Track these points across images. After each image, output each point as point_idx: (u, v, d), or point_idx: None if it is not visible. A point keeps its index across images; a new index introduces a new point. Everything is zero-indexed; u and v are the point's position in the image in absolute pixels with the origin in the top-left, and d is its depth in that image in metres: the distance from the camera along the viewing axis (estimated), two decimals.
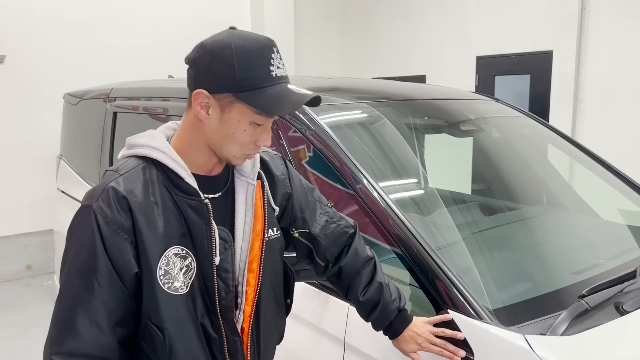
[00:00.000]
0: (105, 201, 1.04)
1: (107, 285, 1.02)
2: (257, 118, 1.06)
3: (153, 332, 1.07)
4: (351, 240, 1.39)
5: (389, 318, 1.34)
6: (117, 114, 3.09)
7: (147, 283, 1.05)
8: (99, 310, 1.02)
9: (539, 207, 2.46)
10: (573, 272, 1.71)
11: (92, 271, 1.02)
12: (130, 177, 1.07)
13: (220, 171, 1.17)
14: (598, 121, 4.96)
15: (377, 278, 1.37)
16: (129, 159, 1.12)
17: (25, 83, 4.96)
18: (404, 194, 1.93)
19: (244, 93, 1.03)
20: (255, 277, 1.18)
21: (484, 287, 1.51)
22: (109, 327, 1.03)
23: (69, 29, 5.13)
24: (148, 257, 1.04)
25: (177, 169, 1.09)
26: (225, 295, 1.12)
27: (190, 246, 1.09)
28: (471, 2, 5.74)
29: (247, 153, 1.12)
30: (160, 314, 1.06)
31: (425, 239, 1.47)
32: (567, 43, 4.99)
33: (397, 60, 6.64)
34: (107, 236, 1.02)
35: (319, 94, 1.09)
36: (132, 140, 1.15)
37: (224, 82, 1.04)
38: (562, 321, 1.35)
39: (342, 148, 1.74)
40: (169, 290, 1.07)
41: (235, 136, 1.08)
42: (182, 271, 1.08)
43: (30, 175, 5.06)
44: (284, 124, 1.89)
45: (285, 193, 1.31)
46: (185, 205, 1.08)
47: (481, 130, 2.36)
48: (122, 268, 1.03)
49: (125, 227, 1.03)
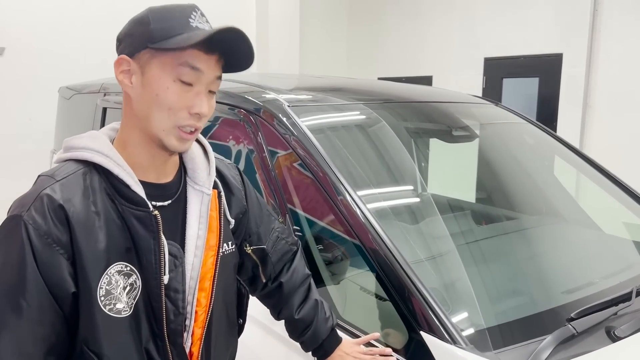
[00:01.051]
0: (38, 211, 0.89)
1: (38, 307, 0.89)
2: (181, 72, 0.93)
3: (89, 358, 0.94)
4: (293, 257, 1.33)
5: (321, 337, 1.27)
6: (107, 109, 3.02)
7: (85, 304, 0.92)
8: (27, 336, 0.88)
9: (537, 217, 2.34)
10: (564, 292, 1.60)
11: (20, 291, 0.88)
12: (67, 184, 0.93)
13: (171, 179, 1.05)
14: (608, 127, 4.81)
15: (313, 295, 1.31)
16: (66, 162, 0.99)
17: (25, 76, 4.93)
18: (390, 202, 1.83)
19: (159, 42, 0.92)
20: (207, 296, 1.06)
21: (464, 306, 1.41)
22: (38, 356, 0.90)
23: (70, 22, 5.10)
24: (87, 275, 0.91)
25: (122, 175, 0.96)
26: (174, 318, 1.00)
27: (135, 262, 0.96)
28: (480, 3, 5.61)
29: (180, 124, 0.95)
30: (99, 340, 0.93)
31: (400, 252, 1.37)
32: (577, 46, 4.85)
33: (404, 61, 6.54)
34: (40, 251, 0.88)
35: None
36: (70, 142, 1.01)
37: (140, 38, 0.95)
38: (545, 347, 1.25)
39: (321, 153, 1.64)
40: (110, 313, 0.93)
41: (159, 98, 0.94)
42: (125, 290, 0.95)
43: (28, 168, 5.01)
44: (264, 125, 1.80)
45: (241, 206, 1.21)
46: (131, 217, 0.96)
47: (475, 136, 2.25)
48: (56, 287, 0.90)
49: (62, 241, 0.90)
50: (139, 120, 0.98)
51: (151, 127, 0.96)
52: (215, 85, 0.99)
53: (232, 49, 0.97)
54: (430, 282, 1.35)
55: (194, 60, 0.94)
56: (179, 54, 0.93)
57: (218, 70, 0.98)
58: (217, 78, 0.99)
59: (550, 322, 1.42)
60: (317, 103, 2.03)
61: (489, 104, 2.57)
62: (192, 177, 1.08)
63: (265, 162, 1.76)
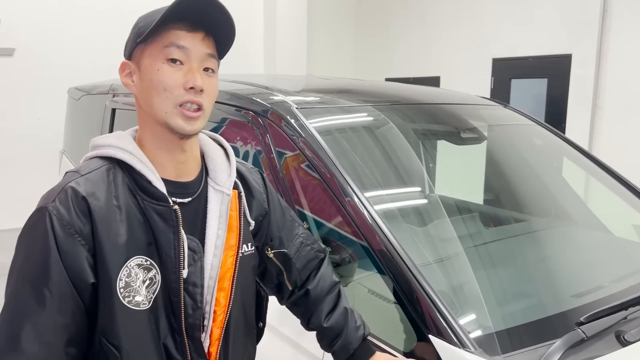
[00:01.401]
0: (62, 202, 0.93)
1: (59, 297, 0.91)
2: (167, 52, 0.97)
3: (108, 351, 0.96)
4: (320, 265, 1.31)
5: (352, 347, 1.23)
6: (116, 110, 3.03)
7: (104, 296, 0.94)
8: (49, 325, 0.91)
9: (546, 220, 2.32)
10: (573, 295, 1.59)
11: (43, 279, 0.91)
12: (91, 179, 0.97)
13: (192, 179, 1.08)
14: (617, 128, 4.77)
15: (342, 303, 1.28)
16: (92, 159, 1.02)
17: (34, 76, 4.97)
18: (397, 203, 1.82)
19: (146, 34, 0.97)
20: (226, 296, 1.07)
21: (472, 309, 1.40)
22: (58, 346, 0.92)
23: (79, 23, 5.13)
24: (107, 267, 0.94)
25: (144, 170, 0.99)
26: (192, 312, 1.01)
27: (155, 257, 0.98)
28: (487, 3, 5.59)
29: (179, 102, 0.98)
30: (117, 331, 0.95)
31: (408, 255, 1.36)
32: (586, 46, 4.82)
33: (411, 61, 6.52)
34: (62, 240, 0.92)
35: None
36: (97, 141, 1.05)
37: (131, 39, 1.02)
38: (554, 351, 1.24)
39: (329, 154, 1.64)
40: (129, 305, 0.96)
41: (154, 82, 0.98)
42: (144, 284, 0.97)
43: (36, 167, 5.07)
44: (272, 127, 1.80)
45: (262, 209, 1.21)
46: (152, 211, 0.98)
47: (483, 138, 2.24)
48: (77, 277, 0.93)
49: (83, 232, 0.93)
50: (148, 114, 1.02)
51: (156, 113, 0.99)
52: (210, 62, 1.02)
53: (211, 22, 1.00)
54: (439, 285, 1.34)
55: (178, 39, 0.97)
56: (163, 38, 0.98)
57: (207, 48, 1.01)
58: (208, 55, 1.01)
59: (560, 326, 1.42)
60: (325, 105, 2.03)
61: (498, 105, 2.56)
62: (213, 177, 1.10)
63: (273, 163, 1.76)
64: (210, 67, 1.02)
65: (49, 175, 4.82)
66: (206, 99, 1.00)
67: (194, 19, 0.98)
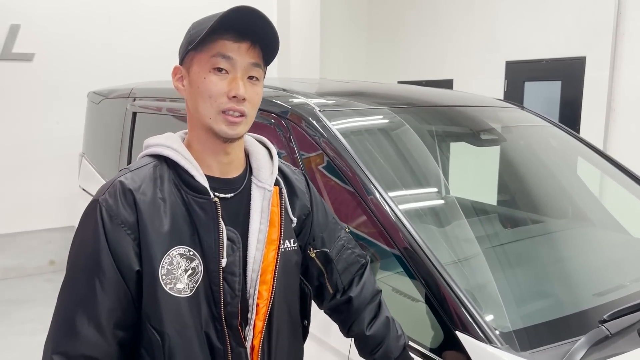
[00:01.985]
0: (111, 195, 1.02)
1: (108, 283, 0.99)
2: (213, 62, 1.03)
3: (152, 336, 1.02)
4: (363, 271, 1.32)
5: (394, 355, 1.24)
6: (137, 114, 3.09)
7: (148, 282, 1.01)
8: (99, 309, 0.98)
9: (563, 220, 2.34)
10: (595, 294, 1.61)
11: (94, 267, 0.99)
12: (139, 173, 1.06)
13: (236, 175, 1.14)
14: (632, 131, 4.76)
15: (384, 312, 1.29)
16: (143, 157, 1.12)
17: (53, 81, 5.04)
18: (418, 203, 1.85)
19: (195, 42, 1.03)
20: (268, 289, 1.11)
21: (496, 307, 1.43)
22: (108, 328, 0.99)
23: (97, 29, 5.20)
24: (151, 255, 1.01)
25: (188, 166, 1.06)
26: (231, 300, 1.06)
27: (197, 247, 1.04)
28: (501, 6, 5.59)
29: (222, 109, 1.04)
30: (160, 316, 1.01)
31: (434, 254, 1.39)
32: (601, 49, 4.81)
33: (424, 64, 6.54)
34: (110, 230, 1.00)
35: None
36: (148, 141, 1.14)
37: (184, 46, 1.08)
38: (579, 348, 1.26)
39: (352, 155, 1.68)
40: (171, 292, 1.01)
41: (201, 89, 1.04)
42: (186, 273, 1.03)
43: (55, 171, 5.14)
44: (296, 129, 1.84)
45: (305, 208, 1.25)
46: (194, 204, 1.05)
47: (503, 140, 2.26)
48: (123, 264, 1.00)
49: (129, 222, 1.01)
50: (195, 117, 1.08)
51: (202, 118, 1.06)
52: (255, 71, 1.07)
53: (256, 32, 1.05)
54: (464, 283, 1.37)
55: (224, 49, 1.03)
56: (211, 48, 1.04)
57: (253, 57, 1.06)
58: (253, 65, 1.06)
59: (583, 323, 1.44)
60: (345, 107, 2.07)
61: (515, 107, 2.58)
62: (256, 175, 1.16)
63: (296, 164, 1.80)
64: (255, 76, 1.07)
65: (68, 178, 4.90)
66: (248, 106, 1.06)
67: (240, 30, 1.03)
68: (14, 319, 4.14)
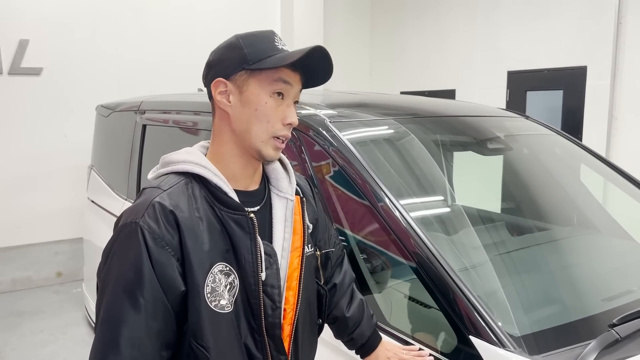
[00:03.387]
0: (152, 217, 1.00)
1: (153, 304, 0.98)
2: (276, 86, 1.06)
3: (198, 352, 1.02)
4: (342, 259, 1.45)
5: (367, 334, 1.37)
6: (147, 126, 3.14)
7: (193, 301, 1.02)
8: (144, 330, 0.98)
9: (570, 228, 2.37)
10: (604, 299, 1.64)
11: (138, 288, 0.98)
12: (174, 193, 1.05)
13: (257, 187, 1.17)
14: (634, 139, 4.80)
15: (357, 295, 1.42)
16: (168, 175, 1.10)
17: (61, 94, 5.11)
18: (427, 212, 1.89)
19: (255, 63, 1.05)
20: (294, 294, 1.15)
21: (508, 312, 1.46)
22: (153, 350, 0.99)
23: (104, 43, 5.27)
24: (195, 274, 1.01)
25: (220, 183, 1.07)
26: (272, 312, 1.09)
27: (233, 263, 1.06)
28: (502, 16, 5.66)
29: (276, 135, 1.08)
30: (206, 333, 1.02)
31: (446, 260, 1.43)
32: (602, 58, 4.86)
33: (427, 75, 6.60)
34: (154, 252, 0.99)
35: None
36: (169, 158, 1.14)
37: (235, 61, 1.07)
38: (590, 351, 1.29)
39: (363, 164, 1.72)
40: (216, 309, 1.03)
41: (259, 112, 1.06)
42: (227, 288, 1.05)
43: (63, 183, 5.19)
44: (307, 140, 1.88)
45: (314, 212, 1.32)
46: (229, 220, 1.06)
47: (509, 149, 2.30)
48: (168, 286, 1.00)
49: (173, 243, 1.00)
50: (237, 135, 1.10)
51: (251, 139, 1.08)
52: (299, 96, 1.13)
53: (315, 66, 1.10)
54: (476, 289, 1.40)
55: (286, 76, 1.08)
56: (274, 72, 1.07)
57: (300, 84, 1.12)
58: (300, 91, 1.12)
59: (593, 328, 1.47)
60: (354, 118, 2.11)
61: (519, 117, 2.63)
62: (276, 185, 1.19)
63: (307, 173, 1.84)
64: (298, 100, 1.13)
65: (77, 191, 4.95)
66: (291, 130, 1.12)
67: (303, 65, 1.09)
68: (23, 331, 4.16)
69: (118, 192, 3.40)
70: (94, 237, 3.68)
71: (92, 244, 3.75)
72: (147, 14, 5.50)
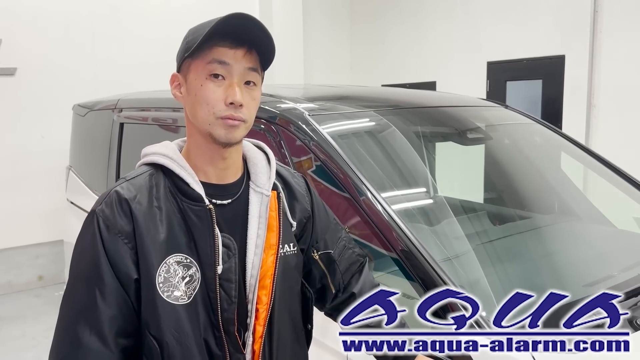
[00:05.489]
0: (108, 205, 1.03)
1: (108, 291, 1.00)
2: (210, 68, 1.03)
3: (151, 344, 1.02)
4: (362, 269, 1.35)
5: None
6: (124, 125, 3.09)
7: (146, 290, 1.02)
8: (101, 318, 1.00)
9: (551, 215, 2.39)
10: (585, 285, 1.65)
11: (93, 276, 1.01)
12: (135, 182, 1.07)
13: (233, 180, 1.14)
14: (613, 126, 4.86)
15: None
16: (140, 167, 1.13)
17: (37, 94, 5.01)
18: (409, 204, 1.89)
19: (190, 50, 1.03)
20: (267, 294, 1.12)
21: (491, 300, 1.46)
22: (110, 337, 1.00)
23: (79, 41, 5.18)
24: (147, 263, 1.02)
25: (183, 174, 1.07)
26: (227, 306, 1.07)
27: (194, 255, 1.05)
28: (481, 7, 5.69)
29: (220, 116, 1.03)
30: (159, 324, 1.02)
31: (428, 252, 1.42)
32: (579, 47, 4.91)
33: (407, 67, 6.60)
34: (107, 240, 1.01)
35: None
36: (145, 150, 1.15)
37: (180, 53, 1.08)
38: None
39: (343, 158, 1.70)
40: (168, 299, 1.02)
41: (198, 97, 1.04)
42: (184, 280, 1.04)
43: (42, 185, 5.10)
44: (286, 134, 1.86)
45: (305, 211, 1.26)
46: (190, 212, 1.06)
47: (489, 138, 2.31)
48: (122, 273, 1.01)
49: (126, 231, 1.02)
50: (193, 124, 1.09)
51: (200, 124, 1.06)
52: (252, 76, 1.07)
53: (252, 38, 1.05)
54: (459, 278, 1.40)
55: (220, 55, 1.03)
56: (207, 54, 1.04)
57: (249, 62, 1.06)
58: (249, 69, 1.06)
59: None
60: (334, 111, 2.09)
61: (499, 106, 2.63)
62: (254, 180, 1.16)
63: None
64: (252, 81, 1.07)
65: (55, 192, 4.86)
66: (246, 112, 1.06)
67: (236, 36, 1.04)
68: (4, 336, 4.08)
69: (97, 193, 3.34)
70: (75, 239, 3.61)
71: (72, 246, 3.69)
72: (123, 11, 5.40)
